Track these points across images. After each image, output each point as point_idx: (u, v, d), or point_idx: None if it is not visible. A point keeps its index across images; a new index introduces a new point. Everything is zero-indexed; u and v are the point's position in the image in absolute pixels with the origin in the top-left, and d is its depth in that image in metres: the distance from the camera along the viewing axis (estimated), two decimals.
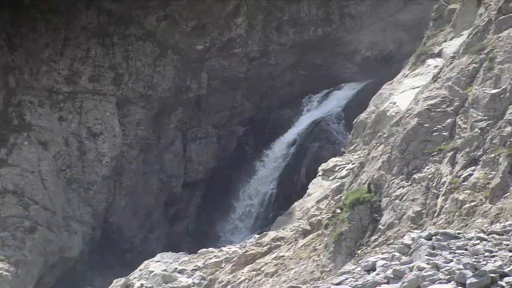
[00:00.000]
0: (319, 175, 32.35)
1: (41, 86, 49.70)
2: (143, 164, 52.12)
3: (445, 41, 31.57)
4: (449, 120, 21.46)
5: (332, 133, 50.26)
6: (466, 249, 14.62)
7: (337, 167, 31.48)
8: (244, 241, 34.19)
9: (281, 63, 55.53)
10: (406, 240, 16.01)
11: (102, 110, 50.25)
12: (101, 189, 49.27)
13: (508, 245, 14.75)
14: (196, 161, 54.03)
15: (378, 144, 23.72)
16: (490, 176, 18.85)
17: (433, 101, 22.15)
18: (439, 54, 31.03)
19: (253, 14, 54.50)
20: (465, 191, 19.10)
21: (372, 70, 51.67)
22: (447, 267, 13.43)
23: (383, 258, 15.87)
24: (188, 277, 29.79)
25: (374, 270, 15.47)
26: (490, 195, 18.44)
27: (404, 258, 15.19)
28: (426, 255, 14.34)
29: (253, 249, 27.10)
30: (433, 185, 20.34)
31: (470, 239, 15.26)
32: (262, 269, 25.24)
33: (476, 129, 20.17)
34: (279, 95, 55.73)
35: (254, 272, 25.43)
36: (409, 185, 20.95)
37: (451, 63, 23.32)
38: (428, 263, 13.85)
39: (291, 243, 25.92)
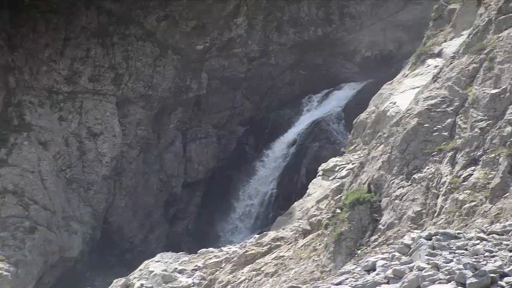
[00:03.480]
0: (319, 175, 32.31)
1: (41, 86, 49.68)
2: (143, 164, 52.11)
3: (445, 41, 31.54)
4: (449, 120, 21.45)
5: (332, 133, 50.23)
6: (466, 249, 14.61)
7: (337, 167, 31.44)
8: (244, 241, 34.17)
9: (281, 63, 55.52)
10: (406, 240, 16.00)
11: (102, 110, 50.24)
12: (101, 189, 49.26)
13: (508, 245, 14.74)
14: (196, 161, 54.01)
15: (378, 144, 23.70)
16: (490, 176, 18.84)
17: (433, 101, 22.14)
18: (439, 54, 30.98)
19: (253, 14, 54.50)
20: (465, 191, 19.08)
21: (372, 70, 51.69)
22: (447, 267, 13.41)
23: (383, 258, 15.85)
24: (188, 277, 29.78)
25: (374, 270, 15.45)
26: (490, 195, 18.42)
27: (404, 258, 15.17)
28: (426, 255, 14.33)
29: (253, 249, 27.09)
30: (433, 185, 20.32)
31: (470, 239, 15.24)
32: (262, 269, 25.24)
33: (476, 129, 20.16)
34: (279, 95, 55.73)
35: (254, 272, 25.43)
36: (409, 185, 20.94)
37: (451, 63, 23.29)
38: (428, 263, 13.83)
39: (291, 243, 25.92)
